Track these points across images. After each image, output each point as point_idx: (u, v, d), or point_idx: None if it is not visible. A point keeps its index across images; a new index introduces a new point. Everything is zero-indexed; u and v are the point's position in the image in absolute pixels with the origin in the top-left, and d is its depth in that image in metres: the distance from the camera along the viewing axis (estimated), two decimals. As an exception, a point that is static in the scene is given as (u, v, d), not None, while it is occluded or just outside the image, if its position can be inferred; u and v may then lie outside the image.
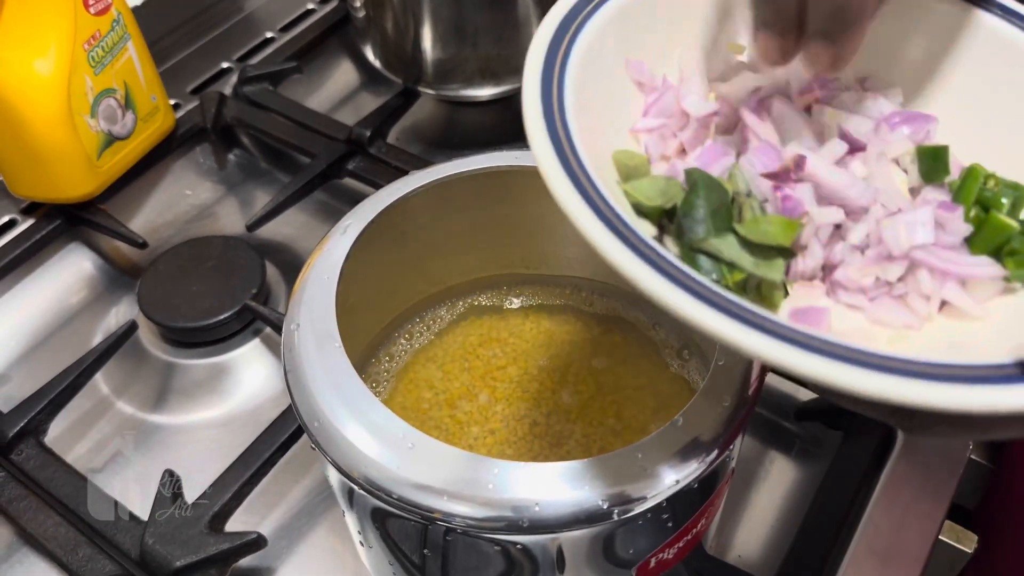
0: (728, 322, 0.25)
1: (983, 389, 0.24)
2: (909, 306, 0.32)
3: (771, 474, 0.54)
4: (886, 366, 0.25)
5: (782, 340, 0.25)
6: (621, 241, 0.27)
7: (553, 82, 0.31)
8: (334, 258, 0.41)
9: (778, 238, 0.31)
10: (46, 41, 0.62)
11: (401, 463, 0.34)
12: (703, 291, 0.26)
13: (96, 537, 0.49)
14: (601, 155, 0.32)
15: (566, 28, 0.33)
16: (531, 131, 0.29)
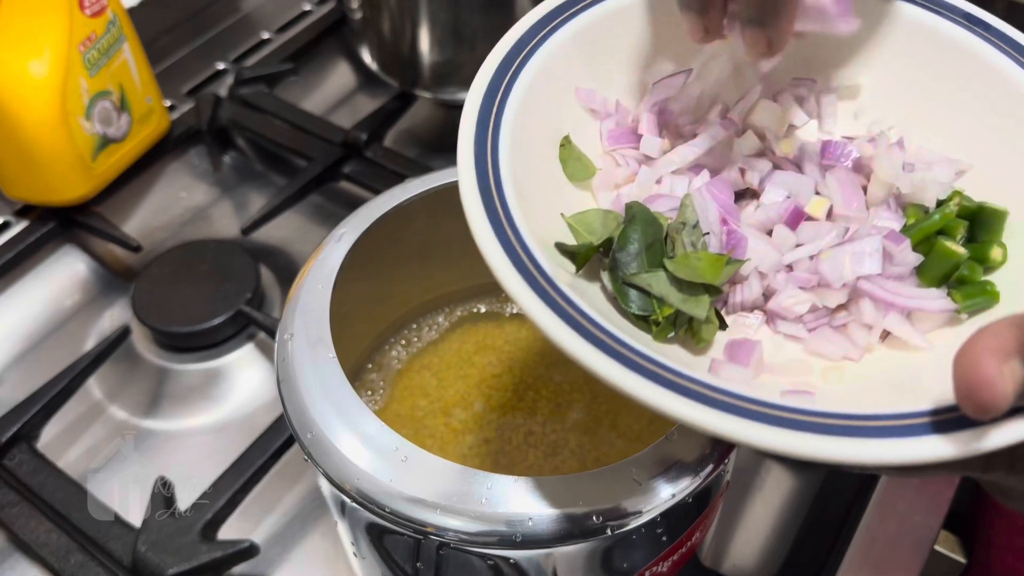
0: (616, 367, 0.26)
1: (872, 442, 0.25)
2: (849, 336, 0.32)
3: (767, 484, 0.53)
4: (776, 417, 0.25)
5: (678, 392, 0.25)
6: (530, 287, 0.28)
7: (489, 124, 0.31)
8: (328, 267, 0.41)
9: (705, 275, 0.31)
10: (41, 43, 0.62)
11: (394, 476, 0.34)
12: (613, 344, 0.26)
13: (88, 544, 0.49)
14: (539, 206, 0.32)
15: (507, 67, 0.34)
16: (463, 184, 0.30)
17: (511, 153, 0.31)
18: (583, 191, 0.36)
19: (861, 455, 0.24)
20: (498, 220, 0.29)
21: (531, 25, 0.35)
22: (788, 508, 0.52)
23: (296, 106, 0.75)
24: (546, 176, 0.34)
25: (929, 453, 0.25)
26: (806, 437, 0.25)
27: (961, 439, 0.25)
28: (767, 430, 0.25)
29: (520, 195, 0.30)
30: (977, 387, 0.23)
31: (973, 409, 0.24)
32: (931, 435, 0.25)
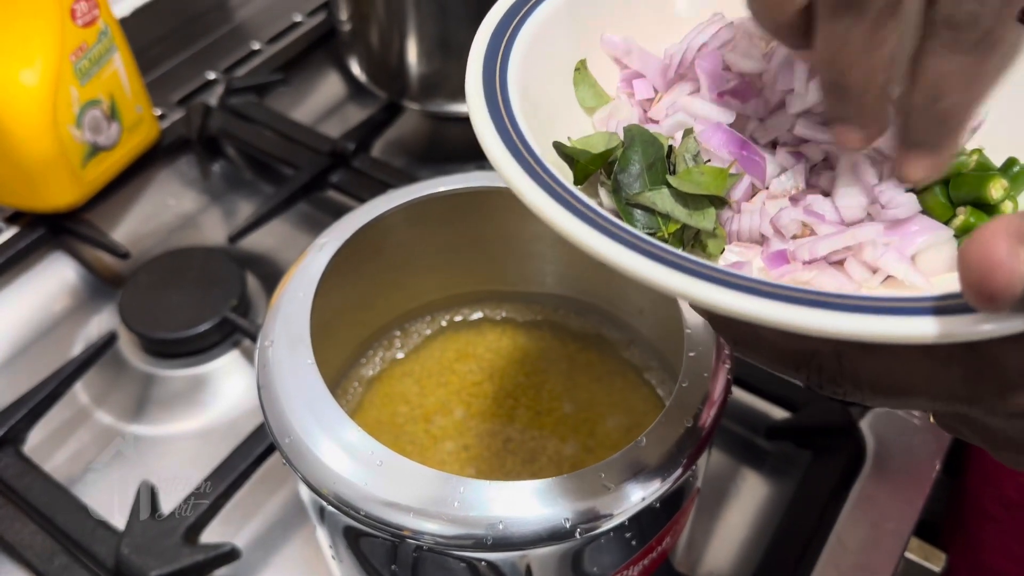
0: (629, 253, 0.25)
1: (891, 318, 0.23)
2: (846, 272, 0.30)
3: (742, 491, 0.54)
4: (792, 297, 0.24)
5: (681, 271, 0.25)
6: (539, 185, 0.27)
7: (497, 60, 0.31)
8: (310, 275, 0.42)
9: (710, 187, 0.31)
10: (33, 52, 0.63)
11: (370, 480, 0.35)
12: (621, 233, 0.26)
13: (72, 546, 0.50)
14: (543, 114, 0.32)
15: (520, 6, 0.33)
16: (470, 84, 0.30)
17: (522, 65, 0.31)
18: (588, 122, 0.35)
19: (836, 327, 0.23)
20: (503, 125, 0.29)
21: None
22: (762, 515, 0.53)
23: (285, 116, 0.76)
24: (557, 96, 0.34)
25: (914, 332, 0.23)
26: (794, 308, 0.23)
27: (953, 322, 0.23)
28: (759, 302, 0.24)
29: (527, 105, 0.30)
30: (989, 270, 0.21)
31: (981, 297, 0.21)
32: (920, 316, 0.23)
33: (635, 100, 0.36)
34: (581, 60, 0.35)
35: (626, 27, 0.37)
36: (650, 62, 0.36)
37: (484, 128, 0.29)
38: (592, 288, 0.52)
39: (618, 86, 0.36)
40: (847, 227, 0.31)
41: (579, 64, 0.35)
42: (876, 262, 0.30)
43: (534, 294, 0.54)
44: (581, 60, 0.35)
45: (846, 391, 0.27)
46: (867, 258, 0.30)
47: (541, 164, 0.28)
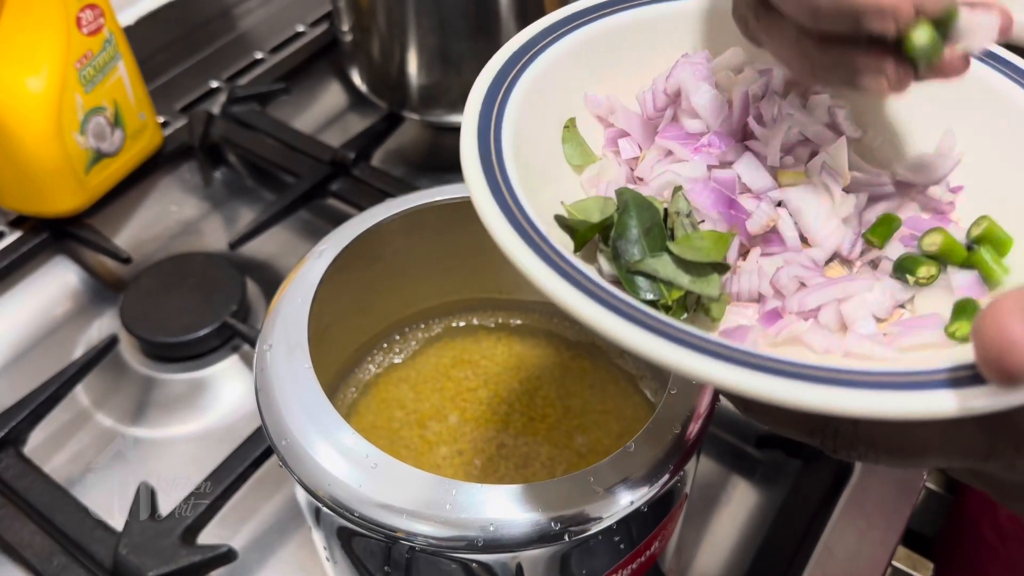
0: (635, 330, 0.25)
1: (909, 394, 0.24)
2: (817, 321, 0.31)
3: (732, 499, 0.55)
4: (807, 375, 0.24)
5: (685, 346, 0.25)
6: (539, 256, 0.28)
7: (491, 122, 0.32)
8: (308, 281, 0.43)
9: (711, 254, 0.31)
10: (39, 60, 0.64)
11: (364, 483, 0.35)
12: (626, 308, 0.26)
13: (71, 546, 0.51)
14: (538, 187, 0.32)
15: (512, 66, 0.34)
16: (464, 153, 0.31)
17: (515, 127, 0.31)
18: (575, 180, 0.36)
19: (859, 407, 0.23)
20: (499, 190, 0.29)
21: (536, 32, 0.35)
22: (751, 522, 0.54)
23: (287, 125, 0.77)
24: (546, 155, 0.34)
25: (933, 408, 0.23)
26: (806, 387, 0.24)
27: (969, 395, 0.23)
28: (767, 380, 0.24)
29: (522, 168, 0.30)
30: (1006, 351, 0.21)
31: (999, 375, 0.22)
32: (936, 390, 0.23)
33: (621, 159, 0.36)
34: (571, 118, 0.36)
35: (617, 81, 0.37)
36: (633, 120, 0.36)
37: (484, 202, 0.29)
38: (586, 297, 0.53)
39: (603, 145, 0.37)
40: (834, 280, 0.32)
41: (568, 122, 0.35)
42: (853, 318, 0.31)
43: (529, 302, 0.55)
44: (571, 118, 0.36)
45: (861, 454, 0.28)
46: (847, 311, 0.31)
47: (542, 236, 0.28)
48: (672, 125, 0.36)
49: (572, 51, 0.36)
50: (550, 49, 0.35)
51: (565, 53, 0.35)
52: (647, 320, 0.26)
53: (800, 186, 0.34)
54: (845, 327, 0.31)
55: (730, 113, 0.35)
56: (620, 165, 0.36)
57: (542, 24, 0.36)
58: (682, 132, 0.35)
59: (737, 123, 0.35)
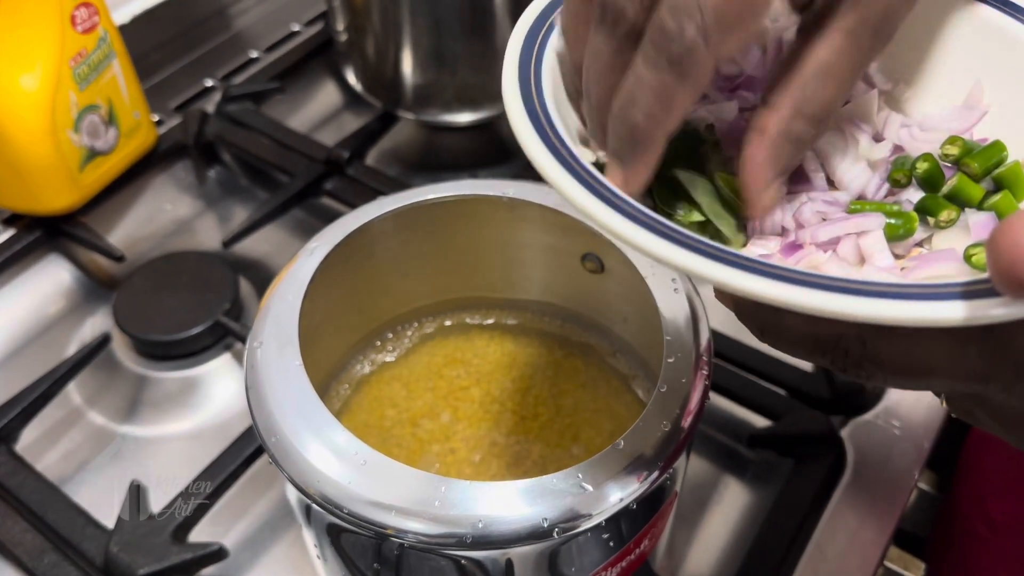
0: (655, 238, 0.26)
1: (922, 303, 0.24)
2: (837, 253, 0.31)
3: (724, 498, 0.55)
4: (825, 284, 0.25)
5: (713, 258, 0.25)
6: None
7: (531, 62, 0.32)
8: (299, 278, 0.43)
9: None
10: (33, 58, 0.64)
11: (354, 480, 0.35)
12: (650, 221, 0.26)
13: (62, 544, 0.51)
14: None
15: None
16: (506, 84, 0.31)
17: (553, 74, 0.32)
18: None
19: (871, 312, 0.24)
20: (535, 114, 0.30)
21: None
22: (743, 522, 0.54)
23: (281, 123, 0.77)
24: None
25: (944, 315, 0.24)
26: (829, 295, 0.24)
27: (979, 305, 0.24)
28: (795, 289, 0.24)
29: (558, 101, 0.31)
30: (1020, 261, 0.22)
31: (1012, 284, 0.23)
32: (947, 300, 0.24)
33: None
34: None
35: None
36: None
37: (513, 102, 0.29)
38: (578, 296, 0.53)
39: None
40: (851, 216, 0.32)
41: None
42: (871, 251, 0.31)
43: (521, 301, 0.55)
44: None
45: (869, 374, 0.28)
46: (865, 244, 0.31)
47: (577, 160, 0.28)
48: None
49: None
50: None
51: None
52: (668, 231, 0.26)
53: (829, 131, 0.34)
54: (863, 261, 0.31)
55: (763, 58, 0.35)
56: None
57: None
58: (717, 74, 0.35)
59: (771, 68, 0.35)
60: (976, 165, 0.34)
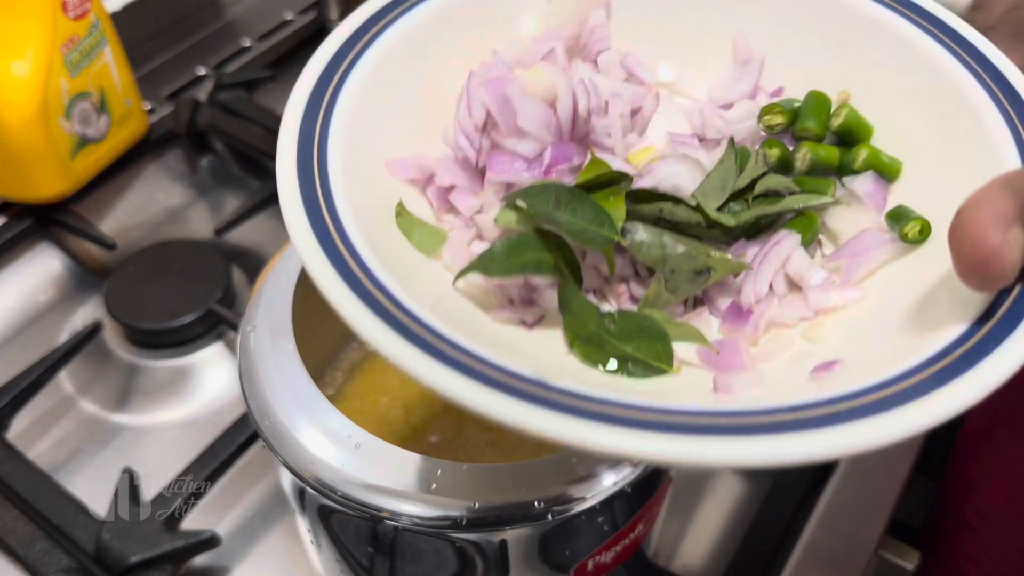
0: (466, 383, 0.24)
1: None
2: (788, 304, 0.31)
3: (719, 487, 0.55)
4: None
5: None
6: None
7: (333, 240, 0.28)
8: (293, 263, 0.42)
9: (660, 359, 0.29)
10: (24, 44, 0.63)
11: (348, 463, 0.35)
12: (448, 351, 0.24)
13: (54, 531, 0.50)
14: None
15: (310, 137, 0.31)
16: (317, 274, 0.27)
17: (359, 230, 0.28)
18: (437, 265, 0.31)
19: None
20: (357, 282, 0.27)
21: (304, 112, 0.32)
22: (737, 511, 0.54)
23: (274, 112, 0.76)
24: (401, 250, 0.31)
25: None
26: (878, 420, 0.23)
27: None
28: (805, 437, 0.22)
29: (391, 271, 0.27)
30: (985, 260, 0.22)
31: (982, 282, 0.23)
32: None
33: (464, 218, 0.32)
34: (398, 203, 0.31)
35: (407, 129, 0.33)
36: (452, 168, 0.32)
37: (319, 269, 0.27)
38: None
39: (436, 209, 0.33)
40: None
41: (397, 208, 0.31)
42: (800, 275, 0.31)
43: (516, 289, 0.54)
44: (398, 203, 0.31)
45: None
46: (792, 270, 0.31)
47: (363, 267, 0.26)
48: (498, 155, 0.32)
49: (347, 122, 0.32)
50: (330, 137, 0.31)
51: (341, 129, 0.31)
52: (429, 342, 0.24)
53: (661, 161, 0.32)
54: (796, 287, 0.31)
55: (557, 119, 0.32)
56: (469, 226, 0.32)
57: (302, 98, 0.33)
58: (515, 158, 0.31)
59: (568, 126, 0.32)
60: (812, 124, 0.33)
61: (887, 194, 0.32)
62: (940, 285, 0.25)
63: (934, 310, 0.27)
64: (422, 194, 0.33)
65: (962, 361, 0.24)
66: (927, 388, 0.23)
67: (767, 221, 0.32)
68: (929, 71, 0.32)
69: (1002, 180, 0.24)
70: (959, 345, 0.24)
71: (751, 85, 0.36)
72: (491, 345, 0.25)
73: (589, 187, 0.30)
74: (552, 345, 0.29)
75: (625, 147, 0.33)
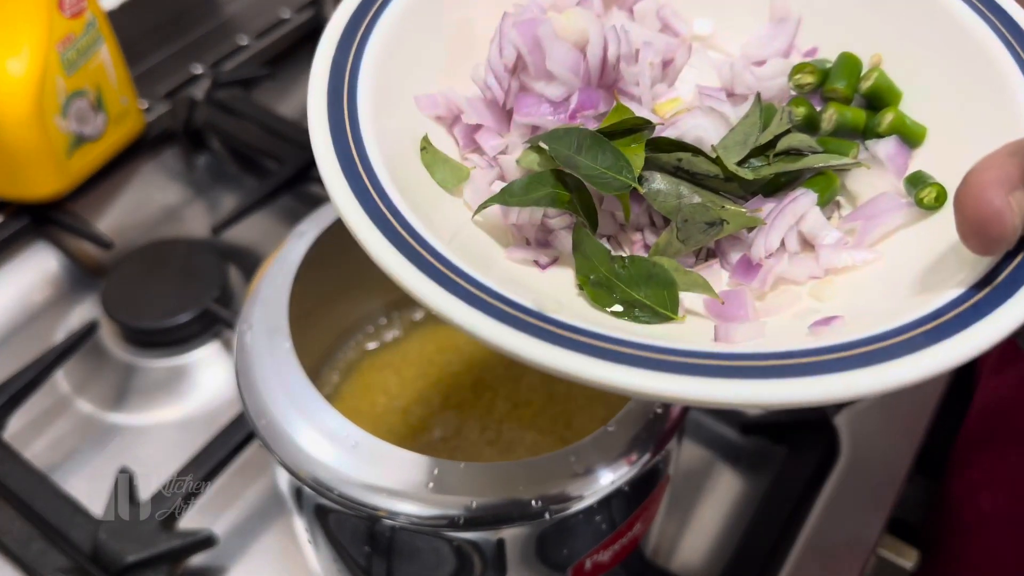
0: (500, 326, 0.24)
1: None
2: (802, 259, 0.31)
3: (717, 486, 0.55)
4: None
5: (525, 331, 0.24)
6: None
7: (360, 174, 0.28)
8: (289, 262, 0.42)
9: (666, 306, 0.29)
10: (19, 42, 0.63)
11: (345, 462, 0.35)
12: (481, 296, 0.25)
13: (50, 531, 0.50)
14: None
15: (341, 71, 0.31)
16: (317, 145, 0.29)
17: (388, 166, 0.29)
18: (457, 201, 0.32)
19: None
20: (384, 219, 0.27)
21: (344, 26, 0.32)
22: (737, 509, 0.54)
23: (271, 110, 0.76)
24: (423, 183, 0.31)
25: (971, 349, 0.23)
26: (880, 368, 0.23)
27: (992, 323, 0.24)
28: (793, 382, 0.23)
29: (411, 205, 0.28)
30: (986, 221, 0.23)
31: (982, 245, 0.23)
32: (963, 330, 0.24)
33: (489, 157, 0.33)
34: (423, 137, 0.32)
35: (440, 65, 0.34)
36: (480, 108, 0.33)
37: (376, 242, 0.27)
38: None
39: (462, 146, 0.33)
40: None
41: (423, 143, 0.32)
42: (813, 234, 0.31)
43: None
44: (423, 137, 0.32)
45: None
46: (807, 228, 0.31)
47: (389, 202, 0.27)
48: (525, 97, 0.32)
49: (380, 54, 0.32)
50: (361, 69, 0.31)
51: (373, 69, 0.31)
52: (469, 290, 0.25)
53: (687, 113, 0.32)
54: (809, 245, 0.31)
55: (586, 64, 0.32)
56: (492, 166, 0.33)
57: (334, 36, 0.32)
58: (541, 101, 0.32)
59: (597, 72, 0.32)
60: (842, 86, 0.33)
61: (909, 159, 0.32)
62: (950, 251, 0.26)
63: (939, 273, 0.27)
64: (449, 132, 0.33)
65: (954, 322, 0.24)
66: (914, 346, 0.23)
67: (787, 179, 0.32)
68: (962, 40, 0.32)
69: (1011, 146, 0.24)
70: (955, 307, 0.24)
71: (786, 43, 0.36)
72: (502, 280, 0.26)
73: (612, 133, 0.30)
74: (563, 286, 0.30)
75: (652, 97, 0.33)
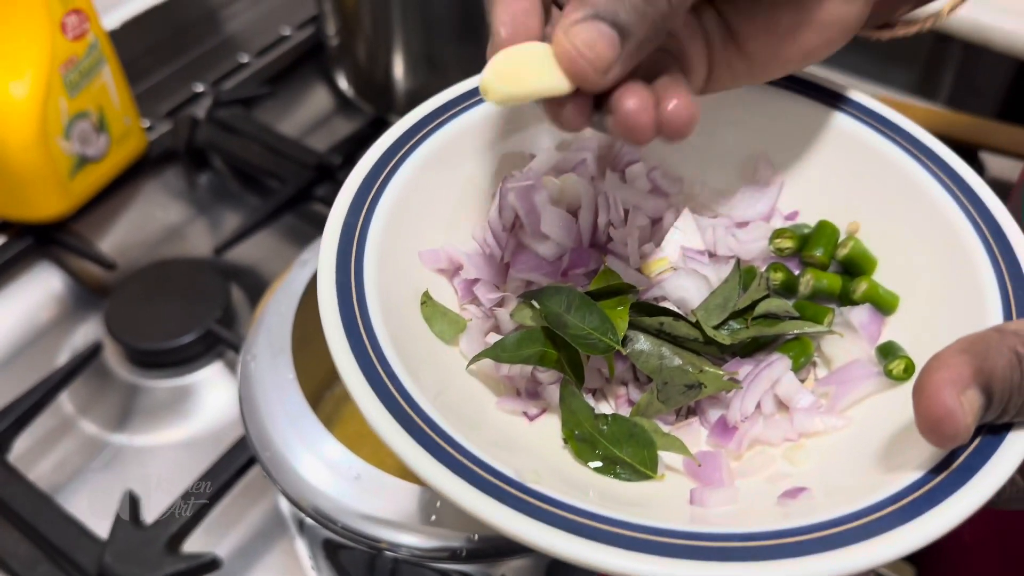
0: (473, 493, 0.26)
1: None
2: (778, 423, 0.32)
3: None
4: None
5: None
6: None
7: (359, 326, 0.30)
8: (292, 291, 0.43)
9: (645, 465, 0.31)
10: (23, 65, 0.63)
11: (348, 494, 0.36)
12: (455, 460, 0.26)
13: (56, 554, 0.50)
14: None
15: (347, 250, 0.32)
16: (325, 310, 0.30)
17: (382, 316, 0.30)
18: (454, 352, 0.34)
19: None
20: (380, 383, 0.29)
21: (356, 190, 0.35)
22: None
23: (272, 129, 0.77)
24: (421, 336, 0.33)
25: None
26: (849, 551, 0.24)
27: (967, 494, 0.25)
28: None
29: (404, 359, 0.29)
30: (940, 421, 0.25)
31: (938, 440, 0.25)
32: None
33: (485, 308, 0.35)
34: (424, 292, 0.34)
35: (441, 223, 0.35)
36: (478, 263, 0.35)
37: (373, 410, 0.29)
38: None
39: (459, 298, 0.35)
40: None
41: (423, 298, 0.34)
42: (789, 397, 0.32)
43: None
44: (424, 292, 0.34)
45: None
46: (782, 392, 0.32)
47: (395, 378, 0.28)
48: (521, 253, 0.35)
49: (388, 219, 0.33)
50: (371, 229, 0.33)
51: (382, 228, 0.33)
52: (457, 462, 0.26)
53: (671, 274, 0.34)
54: (784, 405, 0.33)
55: (577, 226, 0.35)
56: (488, 316, 0.34)
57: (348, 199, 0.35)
58: (536, 258, 0.35)
59: (588, 234, 0.35)
60: (819, 253, 0.35)
61: (882, 327, 0.34)
62: (913, 425, 0.26)
63: (902, 451, 0.28)
64: (450, 282, 0.35)
65: (909, 509, 0.25)
66: (869, 533, 0.25)
67: (764, 341, 0.34)
68: (934, 217, 0.34)
69: (962, 343, 0.26)
70: (912, 491, 0.26)
71: (768, 207, 0.37)
72: (488, 439, 0.28)
73: (599, 295, 0.33)
74: (549, 437, 0.32)
75: (640, 256, 0.35)
